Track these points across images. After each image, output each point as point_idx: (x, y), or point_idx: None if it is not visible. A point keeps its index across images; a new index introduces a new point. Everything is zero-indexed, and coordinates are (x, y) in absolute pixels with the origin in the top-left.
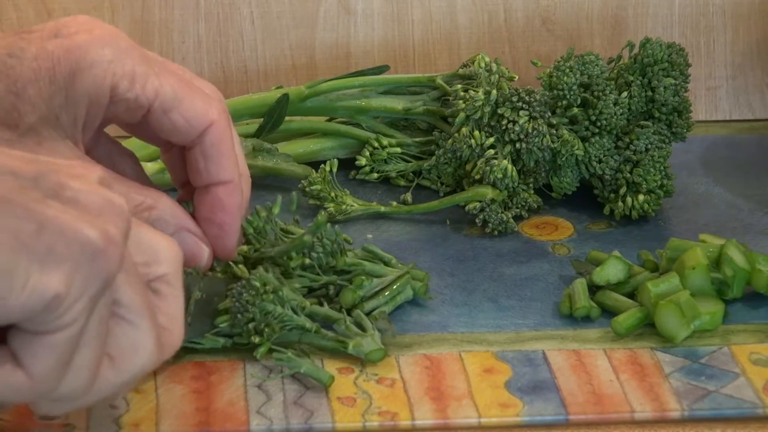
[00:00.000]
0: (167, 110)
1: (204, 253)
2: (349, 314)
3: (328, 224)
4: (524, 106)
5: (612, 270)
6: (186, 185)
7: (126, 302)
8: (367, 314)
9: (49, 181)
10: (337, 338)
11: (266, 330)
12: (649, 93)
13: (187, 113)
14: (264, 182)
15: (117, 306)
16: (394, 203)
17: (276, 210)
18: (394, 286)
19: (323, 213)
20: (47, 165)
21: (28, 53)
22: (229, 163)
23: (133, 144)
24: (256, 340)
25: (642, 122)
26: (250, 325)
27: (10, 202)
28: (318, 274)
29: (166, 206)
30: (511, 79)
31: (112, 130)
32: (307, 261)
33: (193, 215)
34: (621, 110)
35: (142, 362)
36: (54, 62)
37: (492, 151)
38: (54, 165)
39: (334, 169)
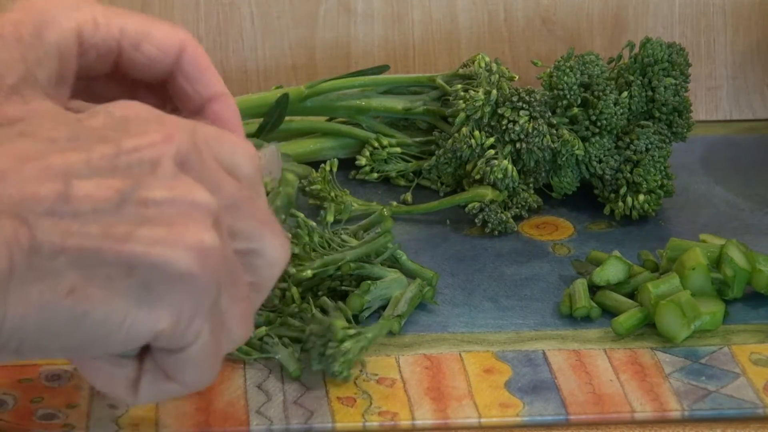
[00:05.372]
0: (137, 44)
1: None
2: (356, 320)
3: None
4: (524, 106)
5: (612, 270)
6: None
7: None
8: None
9: (131, 203)
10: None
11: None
12: (650, 93)
13: (156, 40)
14: None
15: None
16: (394, 203)
17: (330, 218)
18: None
19: (387, 212)
20: (120, 161)
21: None
22: (214, 77)
23: None
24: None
25: (642, 122)
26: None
27: (99, 251)
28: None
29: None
30: (511, 79)
31: None
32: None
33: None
34: (621, 110)
35: (244, 336)
36: (16, 24)
37: (492, 151)
38: (127, 154)
39: (334, 169)
